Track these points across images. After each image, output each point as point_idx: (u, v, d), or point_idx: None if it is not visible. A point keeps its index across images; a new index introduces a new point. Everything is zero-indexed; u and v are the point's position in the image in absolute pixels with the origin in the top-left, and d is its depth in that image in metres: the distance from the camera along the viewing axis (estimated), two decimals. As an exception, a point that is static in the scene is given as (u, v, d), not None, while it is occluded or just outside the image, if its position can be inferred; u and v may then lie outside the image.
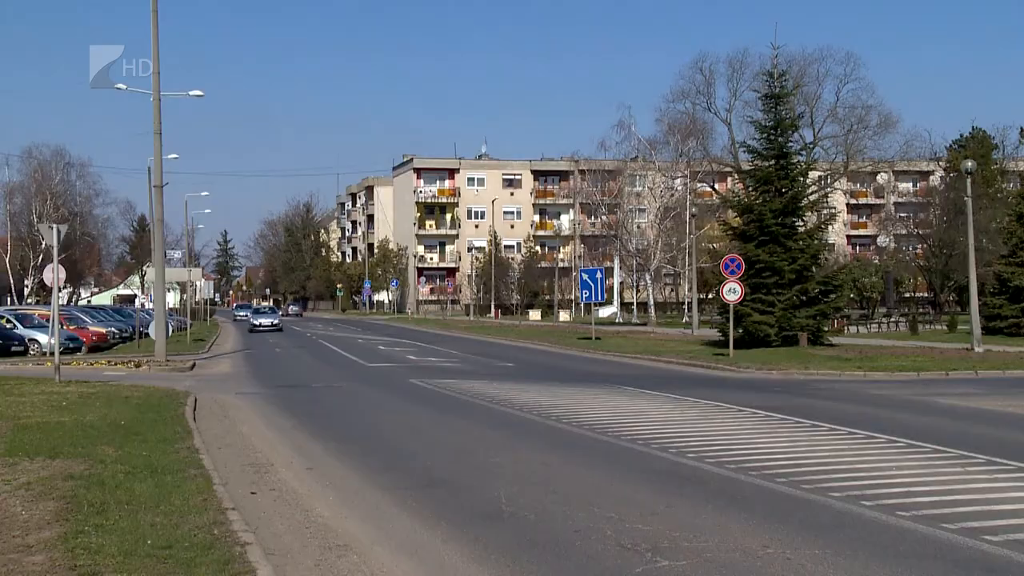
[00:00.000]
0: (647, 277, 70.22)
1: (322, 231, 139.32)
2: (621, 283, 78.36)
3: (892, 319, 58.87)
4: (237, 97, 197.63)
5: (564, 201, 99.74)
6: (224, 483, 10.22)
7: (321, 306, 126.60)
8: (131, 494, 9.36)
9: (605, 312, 73.97)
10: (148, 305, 53.32)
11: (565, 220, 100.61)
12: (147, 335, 38.14)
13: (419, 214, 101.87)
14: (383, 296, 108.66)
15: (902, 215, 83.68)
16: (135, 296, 78.39)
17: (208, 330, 58.72)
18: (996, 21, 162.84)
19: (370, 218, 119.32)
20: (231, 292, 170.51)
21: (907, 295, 77.29)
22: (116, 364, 29.38)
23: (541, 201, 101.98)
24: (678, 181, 68.56)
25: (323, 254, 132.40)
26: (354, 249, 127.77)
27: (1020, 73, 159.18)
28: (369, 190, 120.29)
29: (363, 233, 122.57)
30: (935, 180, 78.97)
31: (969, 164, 35.85)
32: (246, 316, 74.44)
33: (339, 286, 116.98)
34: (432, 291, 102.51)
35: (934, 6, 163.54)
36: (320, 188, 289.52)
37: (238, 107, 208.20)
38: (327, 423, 16.48)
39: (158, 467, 10.88)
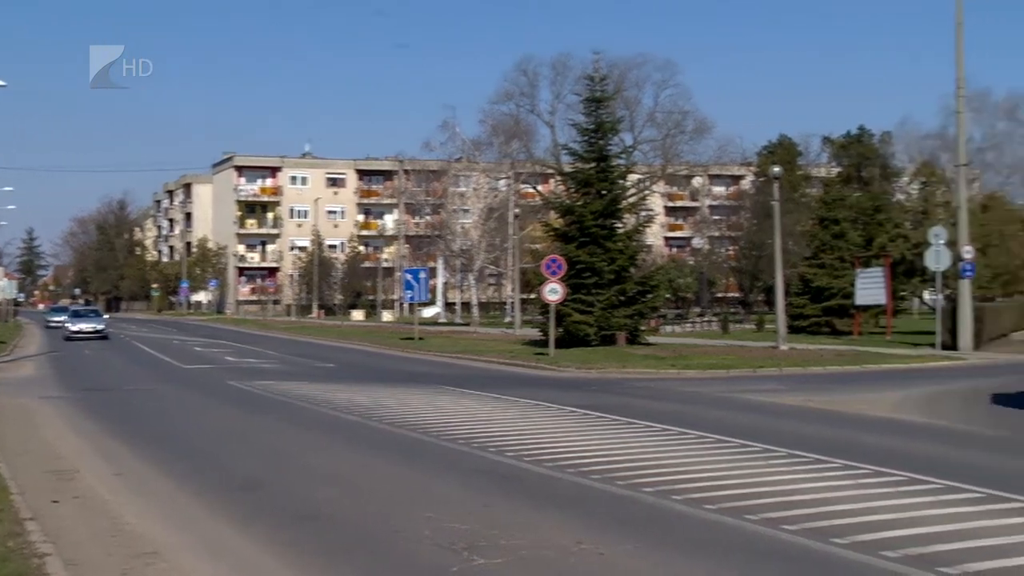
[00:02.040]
0: (471, 277, 70.58)
1: (137, 229, 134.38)
2: (445, 283, 78.54)
3: (705, 318, 60.97)
4: (46, 91, 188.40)
5: (389, 201, 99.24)
6: (22, 492, 9.74)
7: (135, 306, 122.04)
8: (-81, 506, 8.82)
9: (429, 312, 74.00)
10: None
11: (389, 220, 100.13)
12: (-57, 337, 35.95)
13: (240, 213, 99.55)
14: (202, 296, 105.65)
15: (716, 217, 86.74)
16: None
17: (10, 331, 55.77)
18: (803, 34, 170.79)
19: (188, 216, 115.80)
20: (36, 292, 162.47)
21: (720, 295, 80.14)
22: (-92, 368, 27.61)
23: (365, 201, 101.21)
24: (502, 182, 69.19)
25: (138, 253, 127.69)
26: (171, 248, 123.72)
27: (822, 84, 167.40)
28: (187, 187, 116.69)
29: (181, 232, 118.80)
30: (746, 184, 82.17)
31: (776, 170, 37.65)
32: (62, 322, 57.10)
33: (155, 286, 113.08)
34: (253, 291, 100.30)
35: (748, 17, 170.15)
36: (136, 186, 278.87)
37: (47, 101, 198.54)
38: (138, 427, 15.91)
39: (-49, 477, 10.28)
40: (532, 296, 57.31)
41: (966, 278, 33.35)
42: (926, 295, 57.47)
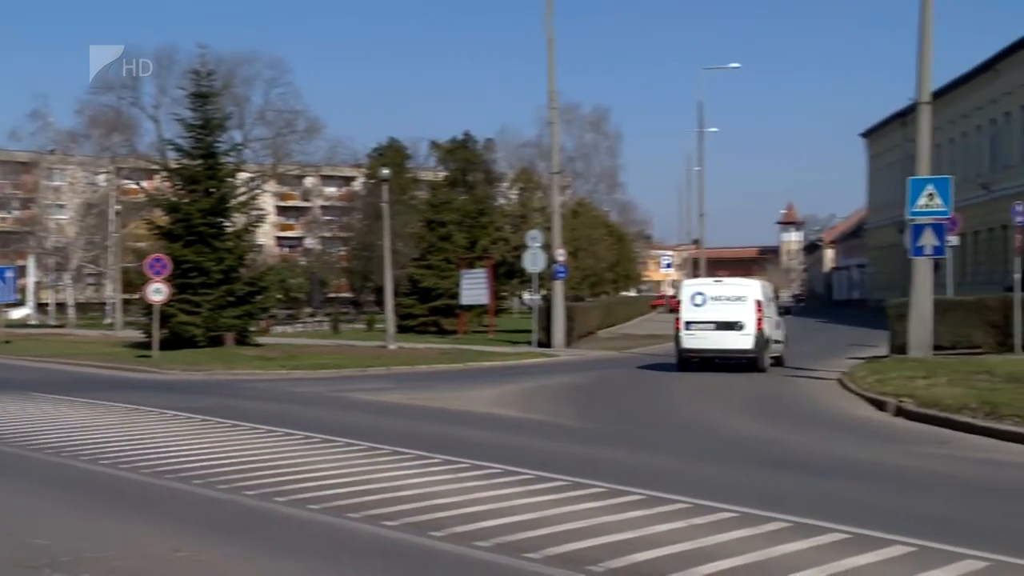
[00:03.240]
0: (67, 276, 66.32)
1: None
2: (37, 283, 73.18)
3: (317, 319, 61.10)
4: None
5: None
6: None
7: None
8: None
9: (18, 314, 68.52)
10: None
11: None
12: None
13: None
14: None
15: (328, 218, 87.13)
16: None
17: None
18: (409, 39, 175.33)
19: None
20: None
21: (332, 295, 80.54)
22: None
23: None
24: (102, 177, 65.62)
25: None
26: None
27: (430, 89, 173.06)
28: None
29: None
30: (357, 186, 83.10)
31: (385, 172, 38.71)
32: None
33: None
34: None
35: (356, 20, 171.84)
36: None
37: None
38: None
39: None
40: (136, 296, 54.83)
41: (559, 279, 35.73)
42: (525, 295, 60.92)
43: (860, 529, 8.10)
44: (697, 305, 24.62)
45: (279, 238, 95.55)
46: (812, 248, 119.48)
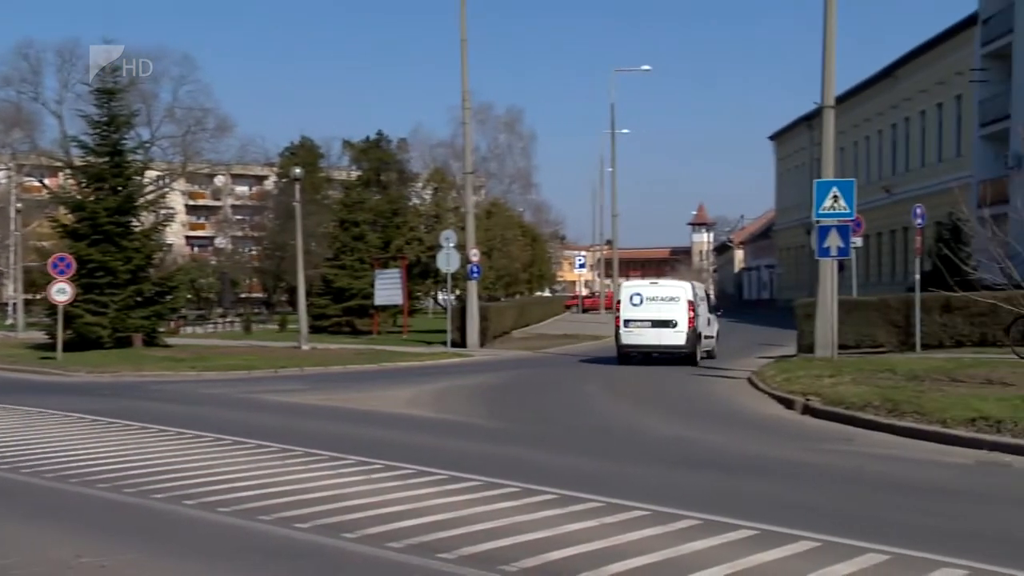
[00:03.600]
0: (-35, 276, 64.46)
1: None
2: (-66, 282, 70.95)
3: (228, 319, 60.22)
4: None
5: None
6: None
7: None
8: None
9: (-86, 314, 66.44)
10: None
11: None
12: None
13: None
14: None
15: (239, 217, 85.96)
16: None
17: None
18: (321, 39, 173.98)
19: None
20: None
21: (244, 295, 79.43)
22: None
23: None
24: (1, 174, 63.92)
25: None
26: None
27: (341, 90, 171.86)
28: None
29: None
30: (269, 185, 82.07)
31: (298, 171, 38.30)
32: None
33: None
34: None
35: (266, 18, 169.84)
36: None
37: None
38: None
39: None
40: (39, 297, 53.52)
41: (473, 279, 35.73)
42: (439, 295, 60.76)
43: (767, 525, 8.26)
44: (635, 305, 26.68)
45: (189, 237, 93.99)
46: (722, 249, 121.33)
